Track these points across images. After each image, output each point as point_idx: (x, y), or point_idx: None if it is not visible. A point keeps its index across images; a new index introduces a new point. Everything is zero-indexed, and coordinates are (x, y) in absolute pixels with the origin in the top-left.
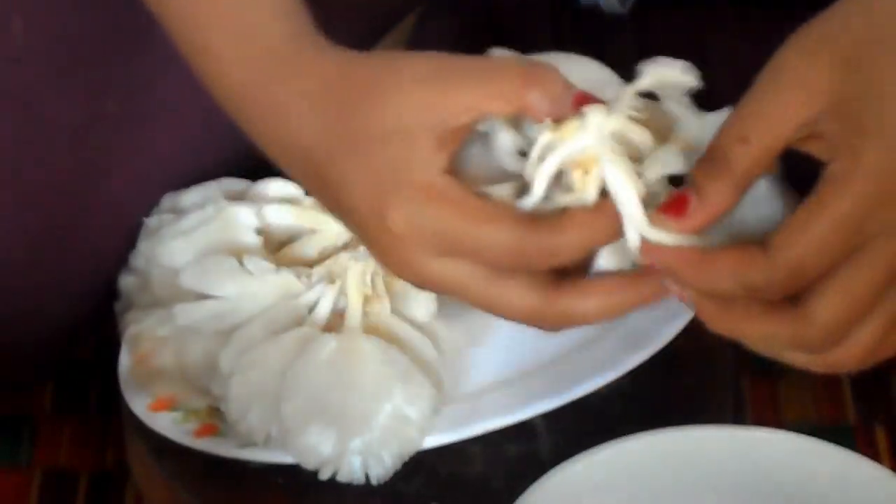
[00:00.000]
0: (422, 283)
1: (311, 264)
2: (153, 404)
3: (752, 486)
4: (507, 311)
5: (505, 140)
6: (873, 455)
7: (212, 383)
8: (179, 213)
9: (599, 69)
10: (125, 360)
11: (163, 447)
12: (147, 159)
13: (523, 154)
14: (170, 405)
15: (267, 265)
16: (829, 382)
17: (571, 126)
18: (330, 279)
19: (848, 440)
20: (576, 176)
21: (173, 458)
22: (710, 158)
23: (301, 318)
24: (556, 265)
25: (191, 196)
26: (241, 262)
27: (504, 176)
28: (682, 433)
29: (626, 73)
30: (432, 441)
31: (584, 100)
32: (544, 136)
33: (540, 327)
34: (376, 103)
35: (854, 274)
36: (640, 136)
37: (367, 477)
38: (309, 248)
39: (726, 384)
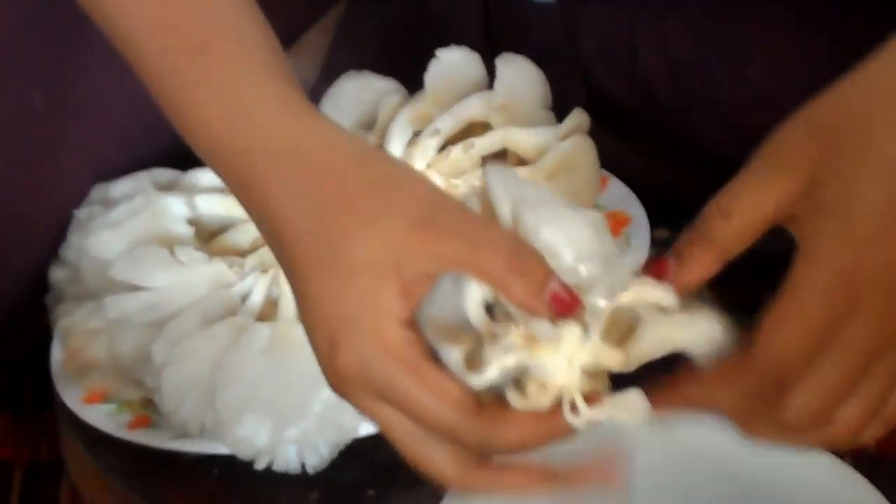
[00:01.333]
0: (354, 407)
1: (243, 254)
2: (86, 397)
3: (704, 473)
4: (427, 472)
5: (474, 292)
6: None
7: (145, 375)
8: (109, 204)
9: (532, 71)
10: (57, 353)
11: (97, 440)
12: (76, 151)
13: (489, 308)
14: (103, 397)
15: (199, 255)
16: None
17: (544, 350)
18: (262, 268)
19: None
20: (531, 387)
21: (107, 451)
22: (694, 228)
23: (234, 308)
24: (488, 454)
25: (121, 187)
26: (172, 253)
27: (465, 324)
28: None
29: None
30: (368, 429)
31: (559, 303)
32: (515, 346)
33: (457, 489)
34: (360, 233)
35: (827, 368)
36: (612, 361)
37: (303, 466)
38: (241, 237)
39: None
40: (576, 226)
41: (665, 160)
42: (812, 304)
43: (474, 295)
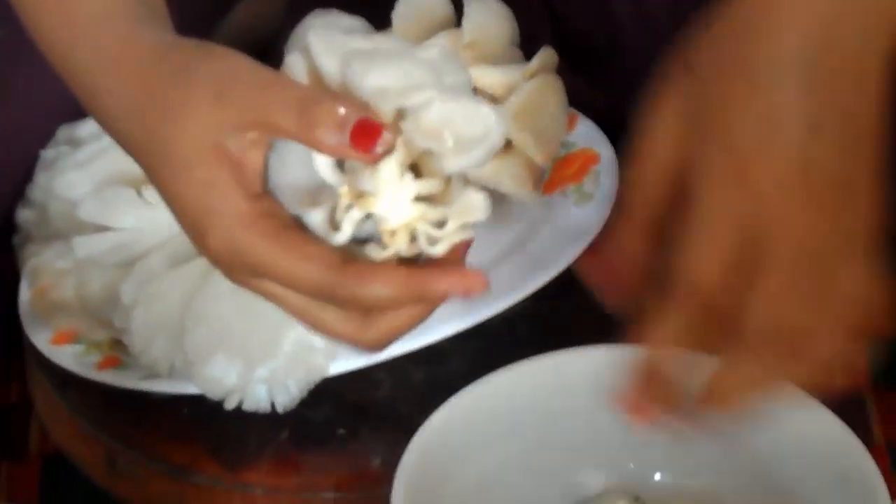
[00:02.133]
0: (250, 292)
1: None
2: (55, 338)
3: None
4: (324, 333)
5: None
6: None
7: (114, 316)
8: (76, 144)
9: (500, 9)
10: (25, 294)
11: (66, 380)
12: (41, 90)
13: (341, 165)
14: (71, 338)
15: None
16: None
17: (370, 200)
18: None
19: None
20: (385, 236)
21: (76, 392)
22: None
23: None
24: (366, 311)
25: (87, 126)
26: (140, 193)
27: (323, 184)
28: (587, 353)
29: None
30: (338, 367)
31: (364, 135)
32: (344, 198)
33: (360, 350)
34: (177, 124)
35: (764, 268)
36: (431, 187)
37: (272, 405)
38: None
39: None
40: (406, 65)
41: (632, 99)
42: (714, 218)
43: (321, 157)
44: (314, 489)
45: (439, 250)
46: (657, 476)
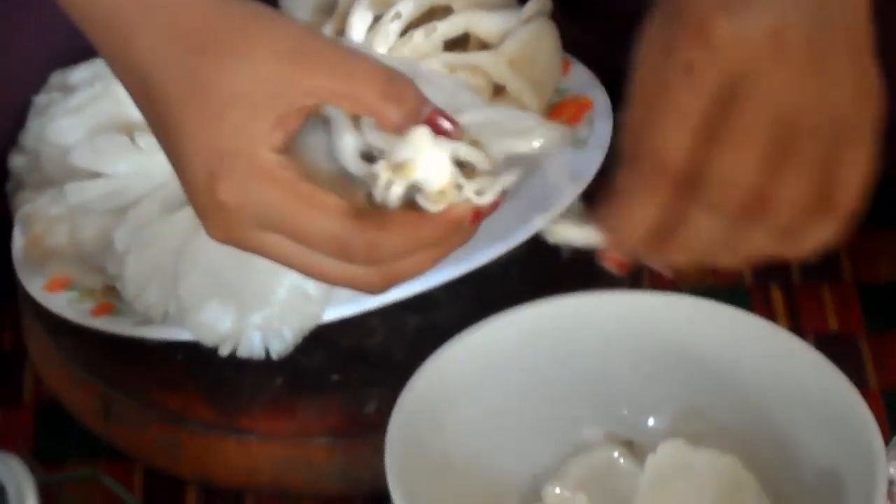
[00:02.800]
0: (240, 248)
1: None
2: (48, 284)
3: (650, 349)
4: (330, 280)
5: (349, 142)
6: (769, 315)
7: (107, 262)
8: (69, 90)
9: None
10: (19, 241)
11: (59, 327)
12: (34, 36)
13: (364, 157)
14: (65, 285)
15: None
16: None
17: (408, 168)
18: None
19: (744, 301)
20: (432, 197)
21: (70, 338)
22: None
23: None
24: (378, 261)
25: (80, 73)
26: (132, 139)
27: (341, 171)
28: (580, 299)
29: None
30: (332, 314)
31: (435, 126)
32: (390, 181)
33: (364, 291)
34: (230, 67)
35: (731, 129)
36: (475, 157)
37: (267, 352)
38: None
39: None
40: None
41: (625, 45)
42: (678, 91)
43: (349, 145)
44: (309, 435)
45: (488, 199)
46: (651, 421)
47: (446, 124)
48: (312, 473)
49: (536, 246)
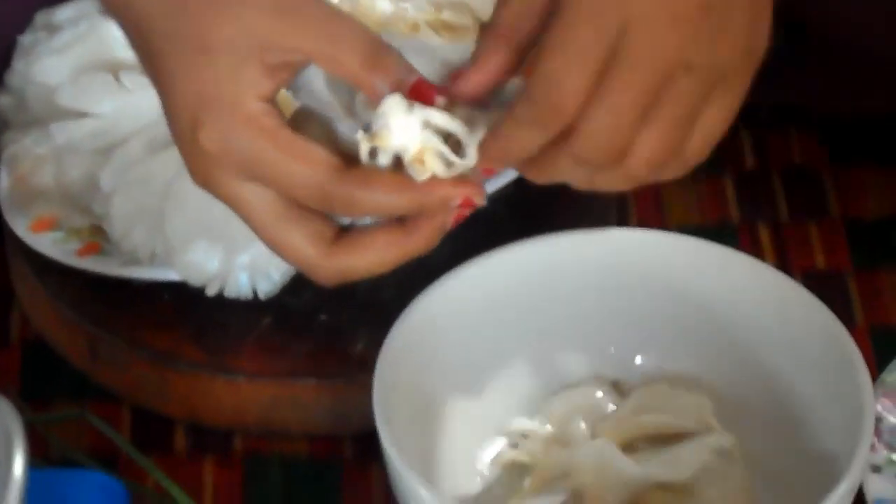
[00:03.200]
0: (216, 196)
1: None
2: (34, 224)
3: (638, 287)
4: (285, 254)
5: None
6: (757, 252)
7: (93, 202)
8: (54, 29)
9: None
10: (4, 181)
11: (46, 267)
12: None
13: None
14: (51, 225)
15: (145, 80)
16: (712, 183)
17: (383, 136)
18: None
19: (731, 239)
20: (414, 164)
21: (57, 279)
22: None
23: None
24: (356, 217)
25: (65, 12)
26: (118, 79)
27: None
28: (569, 238)
29: None
30: None
31: (420, 96)
32: (364, 145)
33: (314, 278)
34: (218, 13)
35: (615, 94)
36: (451, 125)
37: (254, 292)
38: None
39: None
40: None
41: None
42: (580, 28)
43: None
44: (296, 374)
45: (471, 155)
46: (638, 359)
47: (433, 94)
48: (300, 413)
49: (523, 184)
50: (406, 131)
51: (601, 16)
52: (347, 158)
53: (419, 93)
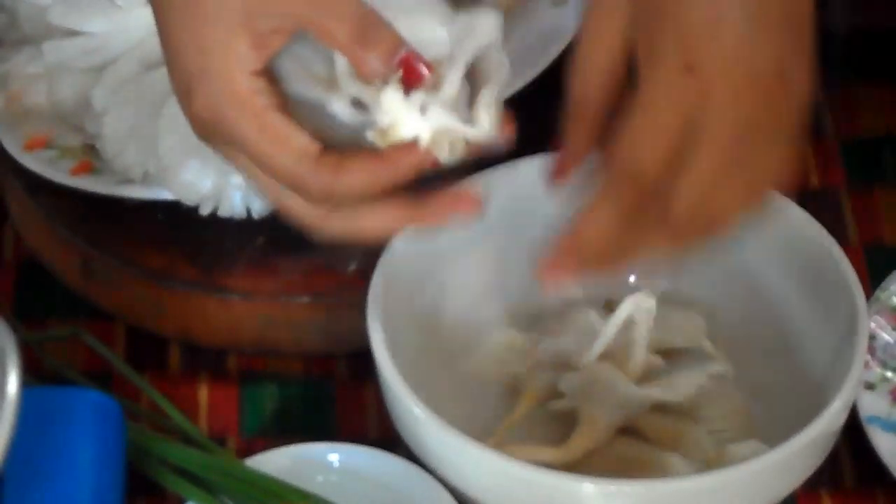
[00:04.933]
0: (215, 152)
1: None
2: (27, 143)
3: None
4: (290, 213)
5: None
6: None
7: (86, 121)
8: None
9: None
10: None
11: (39, 186)
12: None
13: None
14: (44, 144)
15: None
16: None
17: (393, 132)
18: None
19: None
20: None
21: (50, 197)
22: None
23: None
24: (334, 202)
25: None
26: None
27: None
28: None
29: None
30: None
31: (410, 70)
32: (377, 142)
33: (323, 232)
34: None
35: (702, 160)
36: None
37: (248, 211)
38: None
39: None
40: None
41: None
42: (658, 105)
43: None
44: (290, 294)
45: (484, 124)
46: (632, 278)
47: (421, 68)
48: (294, 332)
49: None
50: (413, 122)
51: (678, 93)
52: (337, 141)
53: (408, 67)
